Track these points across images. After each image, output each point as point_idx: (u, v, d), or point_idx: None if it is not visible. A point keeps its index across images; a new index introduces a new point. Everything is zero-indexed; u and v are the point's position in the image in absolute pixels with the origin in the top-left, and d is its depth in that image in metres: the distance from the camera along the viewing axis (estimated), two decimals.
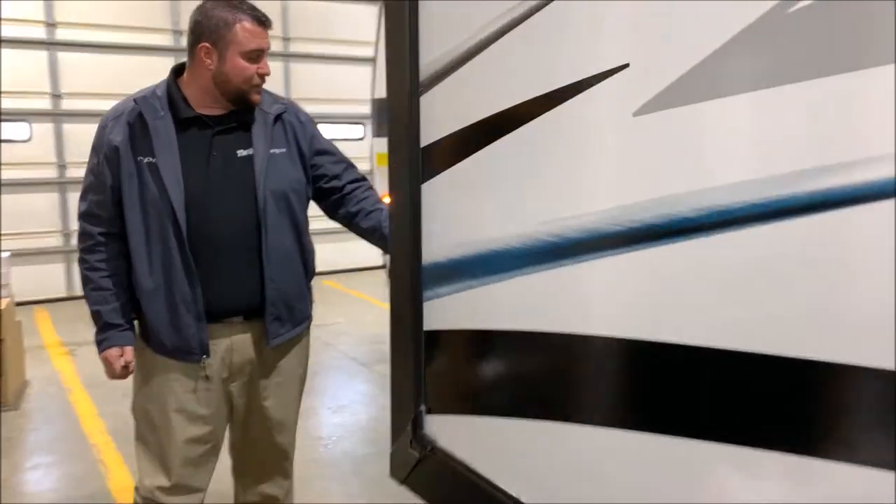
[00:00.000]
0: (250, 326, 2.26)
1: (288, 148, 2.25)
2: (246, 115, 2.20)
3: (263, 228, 2.17)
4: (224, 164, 2.16)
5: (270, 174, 2.18)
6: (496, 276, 1.24)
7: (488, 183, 1.27)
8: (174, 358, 2.20)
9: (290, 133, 2.27)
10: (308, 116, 2.39)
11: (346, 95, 9.14)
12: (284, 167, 2.24)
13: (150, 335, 2.22)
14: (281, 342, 2.30)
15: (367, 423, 4.71)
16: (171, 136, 2.11)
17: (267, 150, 2.19)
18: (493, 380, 1.34)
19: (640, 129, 1.01)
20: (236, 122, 2.19)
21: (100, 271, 2.19)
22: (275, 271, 2.21)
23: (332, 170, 2.38)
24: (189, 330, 2.15)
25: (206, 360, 2.20)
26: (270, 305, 2.22)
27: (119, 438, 4.29)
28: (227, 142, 2.18)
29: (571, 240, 1.12)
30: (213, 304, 2.18)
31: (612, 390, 1.14)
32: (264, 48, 2.13)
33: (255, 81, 2.13)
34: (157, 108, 2.12)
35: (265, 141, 2.20)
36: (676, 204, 0.96)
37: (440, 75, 1.33)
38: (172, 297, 2.14)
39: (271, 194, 2.18)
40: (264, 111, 2.23)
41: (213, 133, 2.17)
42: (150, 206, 2.10)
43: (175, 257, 2.10)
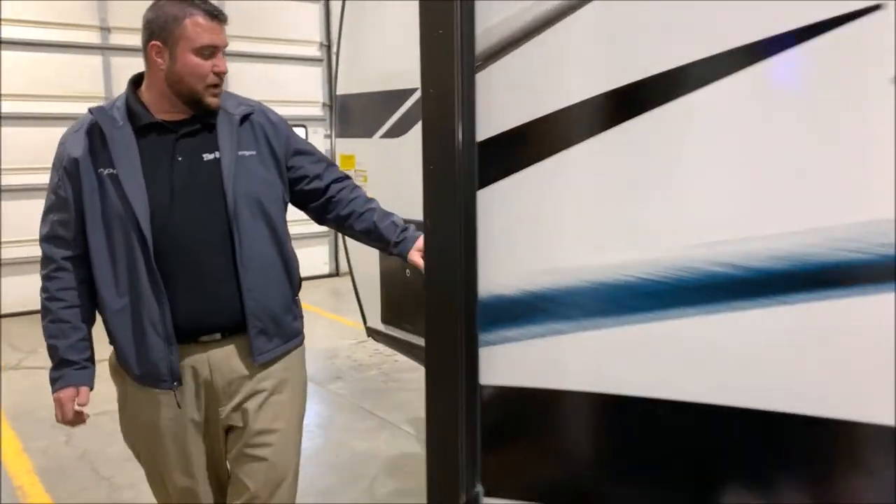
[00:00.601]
0: (233, 342, 2.13)
1: (258, 150, 2.14)
2: (209, 118, 2.10)
3: (237, 235, 2.05)
4: (189, 169, 2.06)
5: (240, 177, 2.07)
6: (593, 320, 0.90)
7: (581, 192, 0.92)
8: (145, 385, 2.09)
9: (259, 135, 2.16)
10: (280, 117, 2.26)
11: (288, 96, 8.76)
12: (255, 170, 2.12)
13: (120, 359, 2.11)
14: (269, 359, 2.16)
15: (327, 448, 4.37)
16: (130, 145, 2.02)
17: (234, 152, 2.09)
18: (586, 459, 1.00)
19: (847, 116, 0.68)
20: (200, 125, 2.09)
21: (60, 301, 2.08)
22: (253, 281, 2.08)
23: (311, 170, 2.27)
24: (157, 354, 2.04)
25: (178, 387, 2.08)
26: (252, 318, 2.09)
27: (48, 479, 3.90)
28: (191, 146, 2.08)
29: (726, 276, 0.78)
30: (186, 322, 2.05)
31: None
32: (218, 44, 2.02)
33: (210, 80, 2.02)
34: (116, 118, 2.04)
35: (231, 143, 2.09)
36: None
37: (507, 44, 0.99)
38: (139, 316, 2.03)
39: (243, 198, 2.07)
40: (229, 112, 2.12)
41: (176, 138, 2.06)
42: (114, 219, 2.00)
43: (141, 273, 2.00)
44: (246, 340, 2.11)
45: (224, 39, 2.04)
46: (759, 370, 0.79)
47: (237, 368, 2.13)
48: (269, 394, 2.18)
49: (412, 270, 2.98)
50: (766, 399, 0.78)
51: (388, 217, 2.33)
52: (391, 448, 4.33)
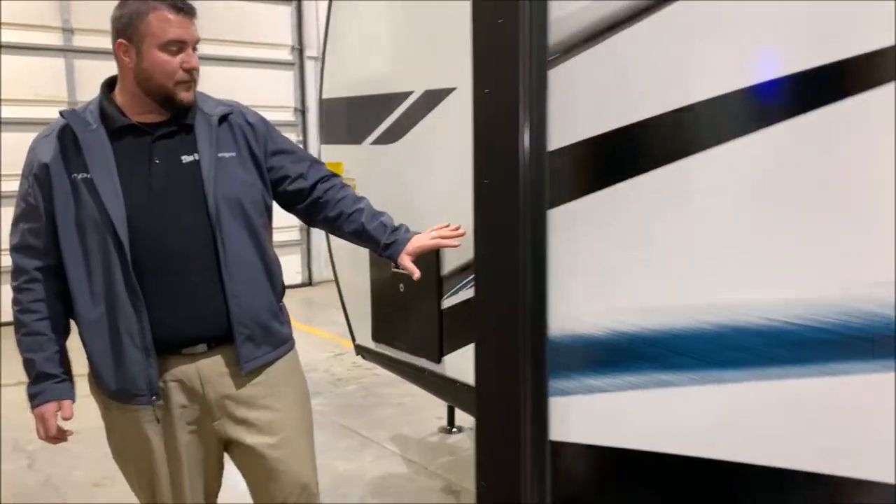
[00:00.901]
0: (220, 352, 2.08)
1: (238, 152, 2.10)
2: (186, 119, 2.05)
3: (219, 240, 2.01)
4: (168, 172, 2.01)
5: (220, 179, 2.03)
6: (716, 372, 0.73)
7: (707, 210, 0.75)
8: (119, 401, 2.04)
9: (238, 136, 2.12)
10: (259, 117, 2.22)
11: (259, 101, 8.47)
12: (235, 172, 2.08)
13: (96, 374, 2.06)
14: (257, 366, 2.12)
15: None
16: (104, 148, 1.97)
17: (214, 153, 2.05)
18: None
19: None
20: (177, 127, 2.04)
21: (34, 314, 2.02)
22: (238, 287, 2.05)
23: (294, 169, 2.23)
24: (135, 366, 1.98)
25: (157, 402, 2.03)
26: (238, 325, 2.05)
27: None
28: (168, 148, 2.03)
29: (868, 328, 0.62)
30: (168, 333, 2.01)
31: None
32: (186, 39, 1.96)
33: (179, 77, 1.96)
34: (89, 121, 1.99)
35: (210, 144, 2.05)
36: None
37: (592, 34, 0.81)
38: (116, 327, 1.98)
39: (224, 201, 2.03)
40: (206, 113, 2.08)
41: (152, 140, 2.02)
42: (88, 225, 1.95)
43: (117, 280, 1.95)
44: (231, 350, 2.07)
45: (193, 34, 1.97)
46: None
47: (230, 380, 2.09)
48: (267, 403, 2.14)
49: (406, 285, 2.81)
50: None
51: (377, 217, 2.30)
52: (376, 468, 4.15)
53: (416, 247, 2.31)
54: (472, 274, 2.54)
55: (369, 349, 3.11)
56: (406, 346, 2.89)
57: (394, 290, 2.88)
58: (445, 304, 2.69)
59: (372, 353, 3.10)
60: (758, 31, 0.71)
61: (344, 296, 3.24)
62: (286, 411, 2.19)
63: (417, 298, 2.79)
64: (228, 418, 2.12)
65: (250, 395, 2.13)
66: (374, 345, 3.07)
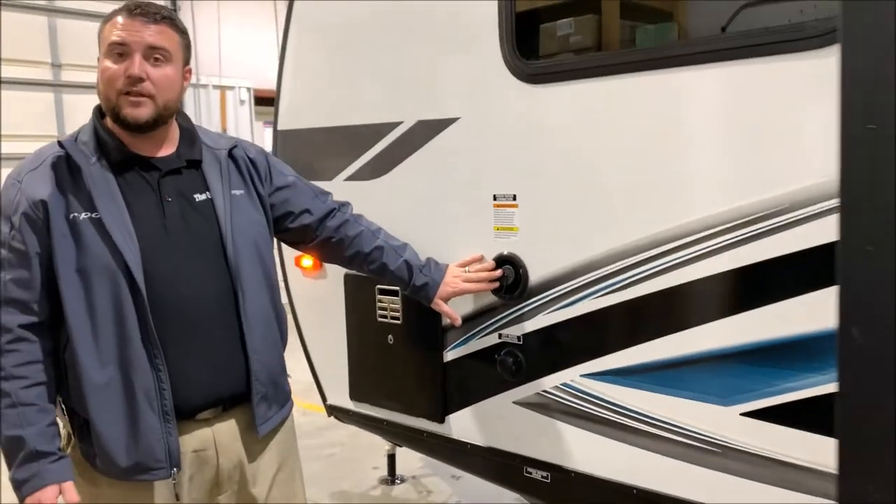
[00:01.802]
0: (233, 415, 1.90)
1: (246, 189, 1.97)
2: (192, 153, 1.89)
3: (240, 288, 1.85)
4: (181, 212, 1.83)
5: (236, 220, 1.88)
6: None
7: None
8: (131, 479, 1.77)
9: (245, 172, 1.98)
10: (258, 149, 2.08)
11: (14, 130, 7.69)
12: (248, 211, 1.95)
13: (95, 452, 1.78)
14: (270, 428, 1.96)
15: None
16: (110, 184, 1.77)
17: (227, 191, 1.90)
18: None
19: None
20: (186, 162, 1.88)
21: (20, 380, 1.72)
22: (257, 341, 1.89)
23: (298, 204, 2.10)
24: (153, 434, 1.75)
25: (177, 474, 1.79)
26: (256, 383, 1.89)
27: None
28: (178, 185, 1.86)
29: None
30: (186, 397, 1.80)
31: None
32: (128, 41, 1.73)
33: (118, 85, 1.73)
34: (87, 153, 1.78)
35: (223, 181, 1.91)
36: None
37: None
38: (131, 391, 1.74)
39: (242, 245, 1.88)
40: (211, 147, 1.94)
41: (161, 175, 1.83)
42: (95, 273, 1.72)
43: (133, 336, 1.73)
44: (244, 412, 1.90)
45: (144, 38, 1.74)
46: None
47: (242, 447, 1.92)
48: (276, 472, 2.00)
49: (396, 336, 2.52)
50: None
51: (400, 254, 2.18)
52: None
53: (451, 291, 2.20)
54: (482, 324, 2.37)
55: (345, 409, 2.77)
56: (398, 406, 2.58)
57: (380, 341, 2.57)
58: (449, 357, 2.42)
59: (350, 414, 2.76)
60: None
61: (309, 348, 2.88)
62: (294, 481, 2.08)
63: (413, 351, 2.50)
64: (237, 493, 1.94)
65: (260, 470, 1.97)
66: (353, 404, 2.73)
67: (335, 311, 2.71)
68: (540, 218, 2.15)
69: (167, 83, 1.77)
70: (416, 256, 2.20)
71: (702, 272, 1.85)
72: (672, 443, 1.95)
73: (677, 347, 1.92)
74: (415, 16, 2.43)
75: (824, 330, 1.68)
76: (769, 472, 1.81)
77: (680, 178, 1.89)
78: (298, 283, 2.87)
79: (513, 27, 2.14)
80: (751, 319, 1.80)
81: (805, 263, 1.71)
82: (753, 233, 1.76)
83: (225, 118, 8.95)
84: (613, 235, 2.00)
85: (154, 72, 1.75)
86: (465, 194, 2.32)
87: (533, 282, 2.18)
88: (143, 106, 1.74)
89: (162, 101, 1.76)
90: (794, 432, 1.76)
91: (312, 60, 2.76)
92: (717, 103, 1.82)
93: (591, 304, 2.05)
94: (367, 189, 2.56)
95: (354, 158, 2.61)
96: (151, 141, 1.83)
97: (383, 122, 2.51)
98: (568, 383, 2.13)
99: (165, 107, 1.78)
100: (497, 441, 2.34)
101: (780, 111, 1.73)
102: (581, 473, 2.14)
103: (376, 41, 2.55)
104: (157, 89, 1.75)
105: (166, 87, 1.77)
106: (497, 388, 2.30)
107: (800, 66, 1.67)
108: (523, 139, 2.16)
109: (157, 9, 1.80)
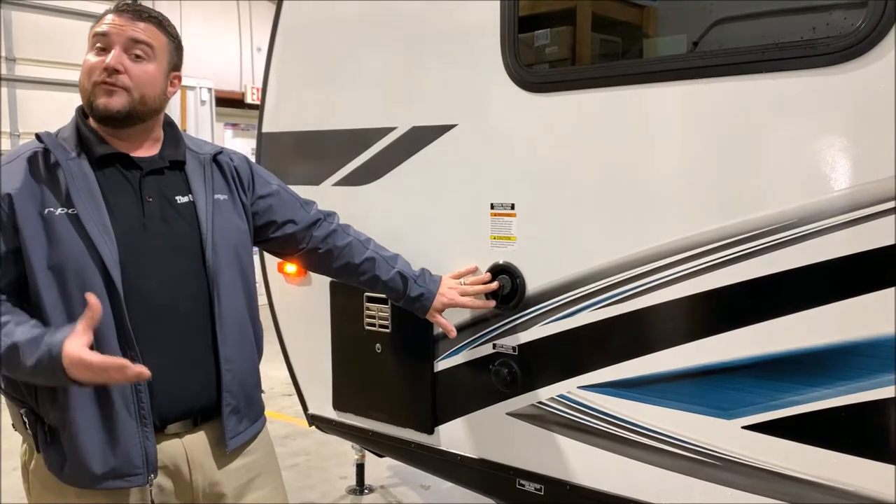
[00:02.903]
0: (204, 428, 1.83)
1: (230, 195, 1.93)
2: (176, 154, 1.86)
3: (216, 294, 1.80)
4: (162, 212, 1.80)
5: (217, 225, 1.84)
6: None
7: None
8: (104, 486, 1.69)
9: (229, 177, 1.95)
10: (241, 157, 2.05)
11: None
12: (230, 217, 1.91)
13: (62, 459, 1.70)
14: (240, 443, 1.88)
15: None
16: (87, 179, 1.72)
17: (210, 195, 1.87)
18: None
19: None
20: (169, 163, 1.85)
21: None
22: (231, 350, 1.83)
23: (282, 214, 2.06)
24: (131, 439, 1.69)
25: (155, 482, 1.74)
26: (227, 394, 1.82)
27: None
28: (161, 185, 1.82)
29: None
30: (159, 405, 1.73)
31: None
32: (109, 33, 1.73)
33: (96, 77, 1.71)
34: (67, 148, 1.74)
35: (205, 185, 1.87)
36: None
37: None
38: (107, 393, 1.67)
39: (222, 249, 1.84)
40: (195, 152, 1.92)
41: (143, 174, 1.79)
42: (69, 270, 1.66)
43: (109, 337, 1.66)
44: (214, 427, 1.83)
45: (126, 31, 1.73)
46: None
47: (215, 462, 1.84)
48: (253, 490, 1.92)
49: (384, 345, 2.47)
50: None
51: (392, 266, 2.14)
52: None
53: (447, 302, 2.16)
54: (476, 334, 2.34)
55: (328, 419, 2.70)
56: (384, 416, 2.53)
57: (367, 350, 2.52)
58: (440, 367, 2.38)
59: (332, 425, 2.70)
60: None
61: (291, 356, 2.81)
62: (274, 496, 1.99)
63: (402, 361, 2.46)
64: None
65: (235, 482, 1.89)
66: (336, 414, 2.67)
67: (319, 318, 2.65)
68: (539, 228, 2.13)
69: (146, 79, 1.75)
70: (408, 267, 2.17)
71: (704, 286, 1.85)
72: (671, 455, 1.95)
73: (677, 360, 1.92)
74: (410, 18, 2.39)
75: (828, 344, 1.70)
76: (769, 485, 1.82)
77: (684, 190, 1.90)
78: (281, 289, 2.80)
79: (515, 34, 2.12)
80: (752, 333, 1.81)
81: (809, 278, 1.72)
82: (759, 247, 1.77)
83: (185, 118, 8.77)
84: (614, 247, 1.99)
85: (133, 66, 1.73)
86: (460, 202, 2.29)
87: (530, 292, 2.16)
88: (115, 95, 1.71)
89: (138, 95, 1.73)
90: (795, 446, 1.77)
91: (301, 62, 2.70)
92: (722, 117, 1.83)
93: (590, 316, 2.04)
94: (357, 195, 2.51)
95: (344, 163, 2.56)
96: (133, 139, 1.80)
97: (375, 126, 2.47)
98: (565, 395, 2.11)
99: (142, 101, 1.74)
100: (489, 452, 2.31)
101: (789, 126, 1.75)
102: (577, 486, 2.12)
103: (368, 43, 2.51)
104: (133, 83, 1.72)
105: (144, 83, 1.74)
106: (490, 399, 2.27)
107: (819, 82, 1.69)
108: (523, 148, 2.15)
109: (145, 9, 1.79)
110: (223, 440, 1.83)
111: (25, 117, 7.55)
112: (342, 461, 4.66)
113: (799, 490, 1.77)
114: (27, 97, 7.66)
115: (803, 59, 1.69)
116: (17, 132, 7.44)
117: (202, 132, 8.94)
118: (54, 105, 7.57)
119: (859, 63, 1.63)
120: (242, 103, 12.01)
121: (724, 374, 1.85)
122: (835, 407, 1.71)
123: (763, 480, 1.82)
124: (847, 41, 1.64)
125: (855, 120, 1.66)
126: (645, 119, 1.95)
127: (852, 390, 1.68)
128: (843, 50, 1.64)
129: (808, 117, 1.72)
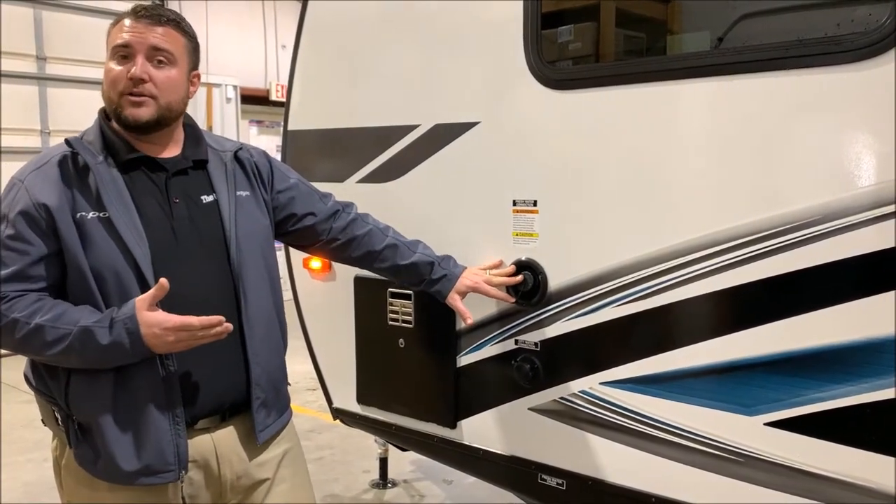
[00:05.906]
0: (233, 423, 1.87)
1: (252, 191, 1.96)
2: (198, 153, 1.89)
3: (242, 291, 1.83)
4: (189, 212, 1.82)
5: (241, 222, 1.87)
6: None
7: None
8: (136, 483, 1.72)
9: (250, 173, 1.98)
10: (260, 152, 2.08)
11: None
12: (253, 213, 1.94)
13: (97, 457, 1.72)
14: (269, 436, 1.91)
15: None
16: (118, 183, 1.75)
17: (233, 193, 1.89)
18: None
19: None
20: (192, 163, 1.87)
21: (40, 303, 1.67)
22: (258, 344, 1.86)
23: (301, 207, 2.08)
24: (163, 436, 1.72)
25: (186, 476, 1.76)
26: (256, 388, 1.85)
27: None
28: (186, 186, 1.85)
29: None
30: (189, 401, 1.76)
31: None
32: (131, 43, 1.73)
33: (120, 87, 1.73)
34: (93, 151, 1.75)
35: (228, 183, 1.90)
36: None
37: None
38: (138, 392, 1.71)
39: (246, 247, 1.86)
40: (216, 150, 1.94)
41: (168, 176, 1.82)
42: (104, 273, 1.69)
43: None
44: (243, 420, 1.86)
45: (148, 39, 1.73)
46: None
47: (244, 456, 1.87)
48: (280, 482, 1.94)
49: (408, 339, 2.50)
50: None
51: (413, 250, 2.17)
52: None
53: (469, 285, 2.17)
54: (498, 329, 2.35)
55: (352, 413, 2.74)
56: (408, 411, 2.56)
57: (390, 345, 2.55)
58: (462, 362, 2.40)
59: (356, 418, 2.73)
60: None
61: (315, 351, 2.85)
62: (300, 489, 2.02)
63: (425, 356, 2.48)
64: (238, 502, 1.90)
65: (263, 474, 1.92)
66: (360, 408, 2.70)
67: (343, 313, 2.68)
68: (562, 224, 2.14)
69: (170, 85, 1.76)
70: (430, 250, 2.20)
71: (728, 282, 1.86)
72: (693, 452, 1.95)
73: (700, 356, 1.92)
74: (433, 17, 2.41)
75: (852, 341, 1.70)
76: (791, 481, 1.81)
77: (707, 186, 1.90)
78: (306, 285, 2.83)
79: (538, 31, 2.13)
80: (775, 330, 1.80)
81: (833, 275, 1.72)
82: (783, 244, 1.77)
83: (211, 115, 8.87)
84: (637, 243, 1.99)
85: (157, 73, 1.74)
86: (483, 199, 2.31)
87: (552, 288, 2.17)
88: (144, 106, 1.73)
89: (164, 102, 1.75)
90: (818, 442, 1.77)
91: (325, 60, 2.73)
92: (746, 113, 1.83)
93: (613, 312, 2.05)
94: (380, 192, 2.54)
95: (368, 161, 2.58)
96: (157, 142, 1.82)
97: (399, 124, 2.49)
98: (587, 391, 2.12)
99: (168, 108, 1.77)
100: (511, 447, 2.33)
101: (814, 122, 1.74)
102: (599, 481, 2.13)
103: (392, 42, 2.53)
104: (159, 90, 1.74)
105: (169, 89, 1.76)
106: (512, 394, 2.29)
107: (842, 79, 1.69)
108: (546, 145, 2.16)
109: (163, 11, 1.80)
110: (252, 433, 1.86)
111: (55, 115, 7.69)
112: (365, 455, 4.69)
113: (821, 487, 1.77)
114: (56, 95, 7.79)
115: (828, 55, 1.68)
116: (47, 129, 7.58)
117: (227, 129, 9.04)
118: (82, 102, 7.67)
119: (884, 59, 1.62)
120: (267, 100, 12.13)
121: (747, 370, 1.85)
122: (859, 404, 1.70)
123: (785, 477, 1.82)
124: (872, 37, 1.63)
125: (880, 116, 1.65)
126: (668, 116, 1.95)
127: (877, 387, 1.68)
128: (867, 46, 1.63)
129: (832, 114, 1.72)
